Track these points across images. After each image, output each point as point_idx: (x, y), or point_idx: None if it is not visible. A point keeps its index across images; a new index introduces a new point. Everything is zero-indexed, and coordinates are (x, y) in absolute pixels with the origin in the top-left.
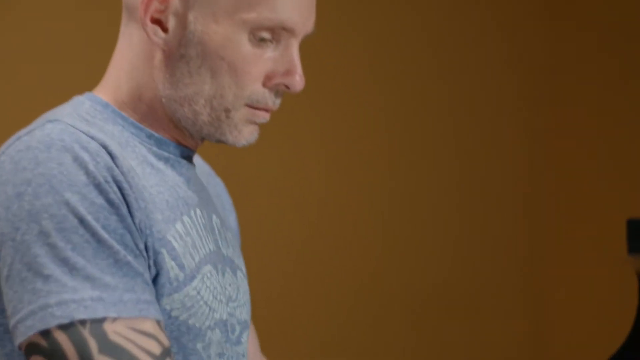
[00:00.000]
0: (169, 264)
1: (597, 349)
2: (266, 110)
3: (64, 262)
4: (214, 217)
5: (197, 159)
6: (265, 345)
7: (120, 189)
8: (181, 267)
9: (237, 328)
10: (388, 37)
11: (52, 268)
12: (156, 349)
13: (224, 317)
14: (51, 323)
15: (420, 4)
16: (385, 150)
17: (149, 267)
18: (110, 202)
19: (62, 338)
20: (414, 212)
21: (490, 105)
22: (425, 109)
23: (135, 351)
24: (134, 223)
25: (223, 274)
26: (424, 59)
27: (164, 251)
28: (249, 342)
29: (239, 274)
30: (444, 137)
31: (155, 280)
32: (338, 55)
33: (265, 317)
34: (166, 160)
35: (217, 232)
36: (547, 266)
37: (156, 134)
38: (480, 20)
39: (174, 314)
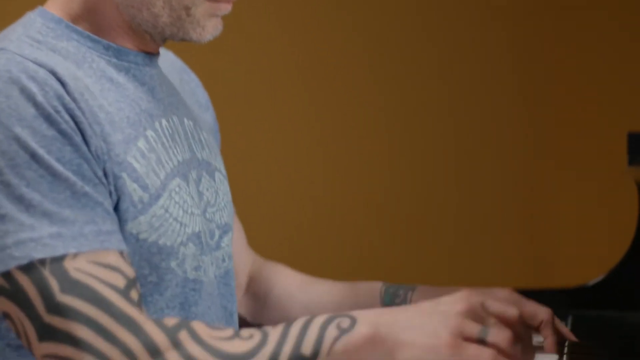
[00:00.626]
0: (130, 187)
1: (598, 262)
2: (227, 1)
3: (19, 200)
4: (186, 120)
5: (168, 54)
6: None
7: (73, 117)
8: (144, 188)
9: (217, 233)
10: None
11: (7, 207)
12: (120, 282)
13: (197, 229)
14: (10, 264)
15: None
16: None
17: (110, 193)
18: (62, 132)
19: (22, 279)
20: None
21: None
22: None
23: (99, 286)
24: (90, 150)
25: (198, 180)
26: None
27: (124, 175)
28: (235, 241)
29: (217, 175)
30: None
31: (117, 205)
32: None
33: None
34: (127, 71)
35: (190, 136)
36: (548, 178)
37: (114, 44)
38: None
39: (142, 236)
